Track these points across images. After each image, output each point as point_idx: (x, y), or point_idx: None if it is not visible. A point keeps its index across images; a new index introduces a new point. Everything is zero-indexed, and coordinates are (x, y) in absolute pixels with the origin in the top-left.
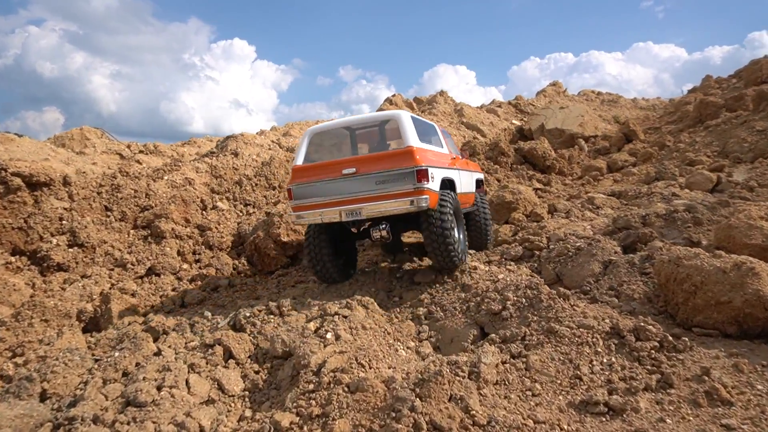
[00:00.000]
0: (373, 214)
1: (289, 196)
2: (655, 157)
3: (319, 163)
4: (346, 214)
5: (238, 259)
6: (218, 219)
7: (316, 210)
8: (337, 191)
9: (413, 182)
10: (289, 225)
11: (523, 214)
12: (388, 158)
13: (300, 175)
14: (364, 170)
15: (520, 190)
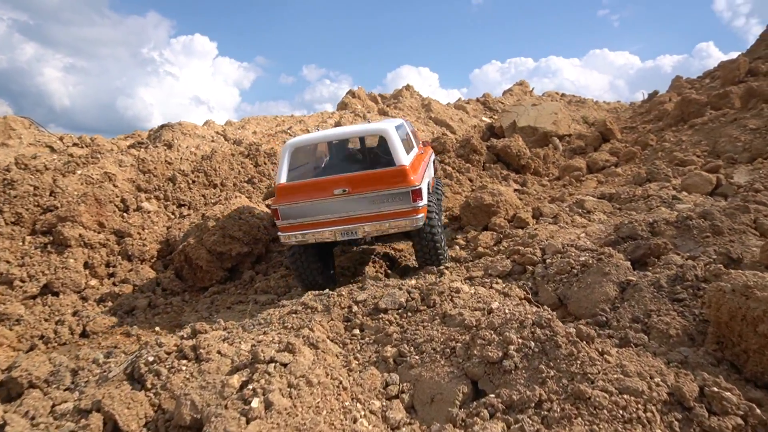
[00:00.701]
0: (370, 234)
1: (275, 216)
2: (639, 157)
3: (307, 181)
4: (341, 234)
5: (164, 273)
6: (142, 223)
7: (307, 231)
8: (330, 211)
9: (409, 202)
10: (226, 231)
11: (504, 219)
12: (381, 178)
13: (286, 195)
14: (356, 190)
15: (500, 191)
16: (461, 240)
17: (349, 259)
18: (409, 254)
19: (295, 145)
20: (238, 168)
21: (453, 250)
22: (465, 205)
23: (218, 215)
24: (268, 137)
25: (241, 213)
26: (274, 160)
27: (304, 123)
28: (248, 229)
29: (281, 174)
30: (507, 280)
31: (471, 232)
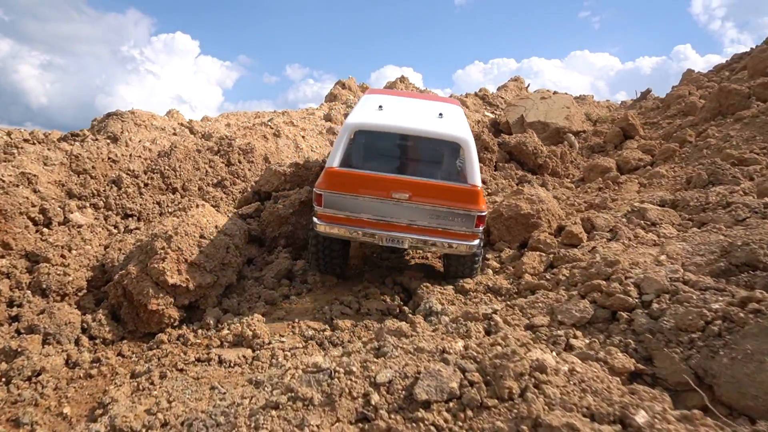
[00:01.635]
0: (417, 247)
1: (317, 202)
2: (679, 155)
3: (364, 174)
4: (387, 239)
5: (95, 314)
6: (68, 241)
7: (350, 227)
8: (381, 212)
9: (472, 227)
10: (182, 254)
11: (549, 233)
12: (450, 193)
13: (336, 182)
14: (418, 199)
15: (540, 196)
16: (494, 261)
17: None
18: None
19: (358, 127)
20: (204, 167)
21: (485, 274)
22: (496, 215)
23: (171, 232)
24: (244, 130)
25: (203, 228)
26: (252, 158)
27: (288, 115)
28: (212, 250)
29: (335, 157)
30: (590, 333)
31: (506, 251)
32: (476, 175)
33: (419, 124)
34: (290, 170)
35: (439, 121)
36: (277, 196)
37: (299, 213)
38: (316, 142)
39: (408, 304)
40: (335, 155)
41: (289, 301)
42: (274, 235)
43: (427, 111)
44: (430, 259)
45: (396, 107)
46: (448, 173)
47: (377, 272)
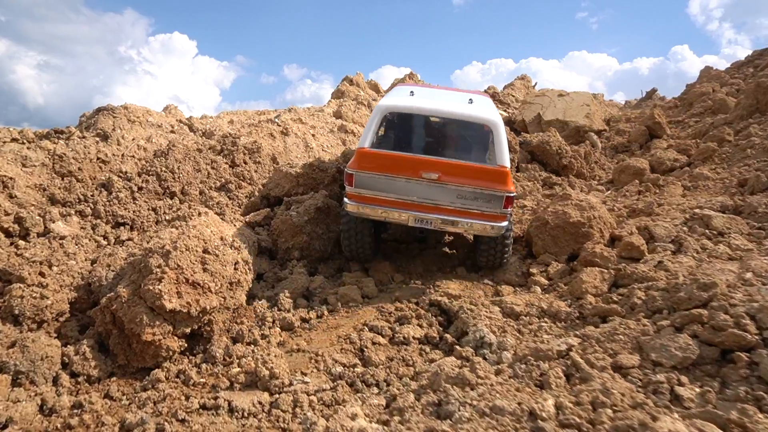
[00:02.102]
0: (446, 229)
1: (348, 182)
2: (718, 155)
3: (395, 154)
4: (416, 220)
5: (78, 345)
6: (48, 256)
7: (380, 207)
8: (411, 193)
9: (500, 207)
10: (182, 273)
11: (602, 245)
12: (478, 173)
13: (368, 163)
14: (448, 179)
15: (591, 202)
16: (540, 276)
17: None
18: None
19: (389, 109)
20: (206, 169)
21: (532, 292)
22: (540, 224)
23: (169, 246)
24: (249, 128)
25: (207, 240)
26: (258, 159)
27: (295, 112)
28: (219, 267)
29: (367, 137)
30: (698, 378)
31: (553, 265)
32: (505, 156)
33: (449, 107)
34: (303, 172)
35: (469, 106)
36: (290, 201)
37: (315, 221)
38: (327, 141)
39: (449, 329)
40: (367, 136)
41: (309, 326)
42: (286, 247)
43: (457, 98)
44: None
45: (427, 94)
46: (476, 155)
47: (408, 290)
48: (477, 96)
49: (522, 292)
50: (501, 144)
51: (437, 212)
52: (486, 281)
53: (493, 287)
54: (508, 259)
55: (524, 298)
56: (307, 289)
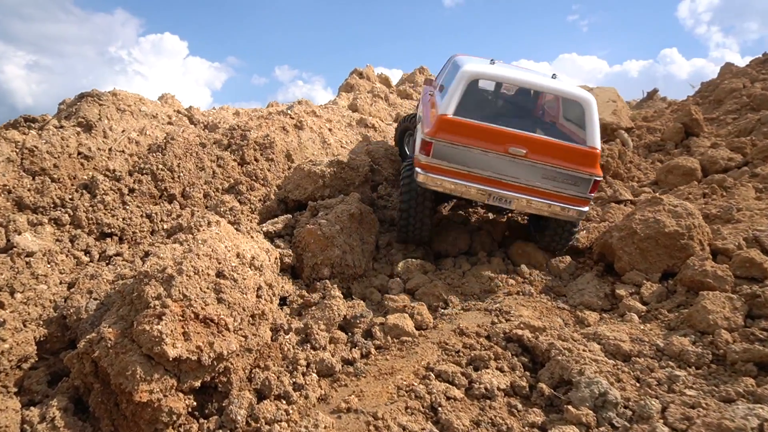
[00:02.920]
0: (526, 210)
1: (425, 150)
2: None
3: (480, 125)
4: (494, 198)
5: (44, 406)
6: (10, 279)
7: (457, 180)
8: (493, 168)
9: (586, 191)
10: (191, 306)
11: (712, 261)
12: (568, 153)
13: (450, 131)
14: (535, 156)
15: (688, 208)
16: (632, 300)
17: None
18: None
19: (476, 75)
20: (211, 167)
21: (627, 321)
22: (625, 234)
23: (173, 269)
24: (258, 120)
25: (221, 259)
26: (272, 155)
27: (308, 104)
28: (238, 297)
29: (451, 104)
30: None
31: (646, 285)
32: (597, 137)
33: (539, 79)
34: (330, 171)
35: (559, 83)
36: (316, 206)
37: (348, 230)
38: (346, 137)
39: (541, 375)
40: (450, 102)
41: (356, 371)
42: (314, 263)
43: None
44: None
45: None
46: (566, 133)
47: (472, 317)
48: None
49: (613, 320)
50: (594, 123)
51: (517, 191)
52: (560, 304)
53: (570, 312)
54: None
55: (623, 330)
56: (344, 317)
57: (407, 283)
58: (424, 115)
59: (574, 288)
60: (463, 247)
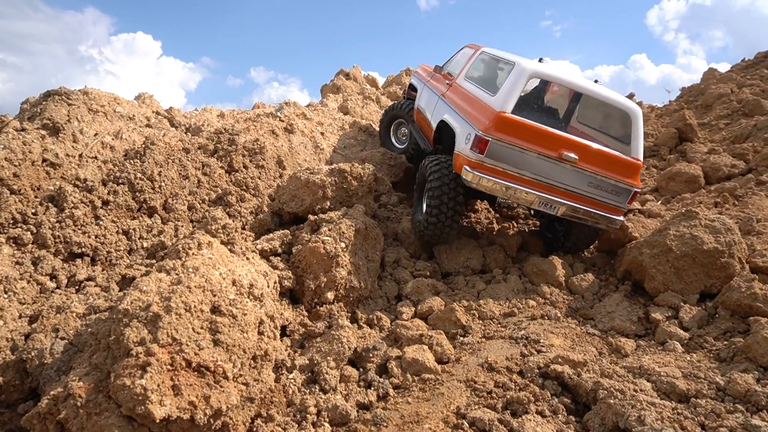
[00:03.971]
0: (569, 215)
1: (479, 148)
2: None
3: (537, 126)
4: (543, 203)
5: None
6: None
7: (507, 182)
8: (544, 172)
9: (625, 201)
10: (184, 352)
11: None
12: (617, 164)
13: (507, 129)
14: (585, 164)
15: (727, 223)
16: (669, 324)
17: None
18: None
19: (535, 74)
20: (196, 175)
21: (669, 350)
22: (659, 251)
23: (158, 306)
24: (246, 123)
25: (216, 290)
26: (262, 162)
27: (296, 106)
28: (238, 337)
29: (509, 100)
30: None
31: (684, 308)
32: (641, 149)
33: (593, 86)
34: (331, 180)
35: (609, 92)
36: (318, 221)
37: (354, 248)
38: (340, 141)
39: (589, 420)
40: (508, 99)
41: (374, 418)
42: (317, 285)
43: (579, 74)
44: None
45: (551, 64)
46: (615, 142)
47: (499, 348)
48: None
49: (653, 348)
50: (639, 135)
51: (566, 198)
52: (590, 330)
53: (602, 338)
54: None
55: (671, 363)
56: (355, 350)
57: (419, 306)
58: (452, 103)
59: (602, 310)
60: (477, 267)
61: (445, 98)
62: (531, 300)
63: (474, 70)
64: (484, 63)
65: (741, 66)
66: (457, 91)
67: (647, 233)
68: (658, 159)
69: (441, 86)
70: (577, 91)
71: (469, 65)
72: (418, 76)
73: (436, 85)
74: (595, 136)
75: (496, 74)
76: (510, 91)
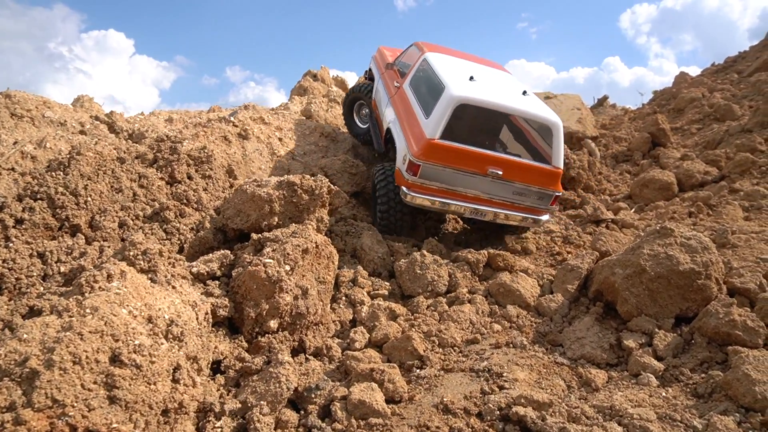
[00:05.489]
0: (497, 221)
1: (412, 171)
2: (756, 168)
3: (463, 148)
4: (471, 212)
5: None
6: None
7: (438, 198)
8: (472, 186)
9: (547, 205)
10: (70, 419)
11: (738, 307)
12: (536, 172)
13: (437, 155)
14: (509, 176)
15: (704, 241)
16: (642, 353)
17: None
18: None
19: (463, 101)
20: (131, 188)
21: (643, 384)
22: (632, 272)
23: (38, 359)
24: (195, 128)
25: (120, 336)
26: (209, 171)
27: (254, 110)
28: (142, 390)
29: (438, 128)
30: None
31: (658, 335)
32: (561, 157)
33: (516, 103)
34: (279, 194)
35: (529, 100)
36: (261, 240)
37: (303, 270)
38: (300, 147)
39: None
40: (438, 126)
41: None
42: (257, 313)
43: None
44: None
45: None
46: (536, 153)
47: (457, 384)
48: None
49: (625, 381)
50: (560, 145)
51: (492, 205)
52: (558, 358)
53: (571, 368)
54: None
55: (644, 400)
56: (296, 389)
57: (373, 333)
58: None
59: (572, 336)
60: (441, 289)
61: (393, 102)
62: (496, 324)
63: (416, 80)
64: (424, 74)
65: (711, 70)
66: (402, 99)
67: (620, 248)
68: (631, 164)
69: (391, 86)
70: (503, 112)
71: (413, 71)
72: (375, 63)
73: (388, 82)
74: (521, 149)
75: (431, 92)
76: (440, 118)
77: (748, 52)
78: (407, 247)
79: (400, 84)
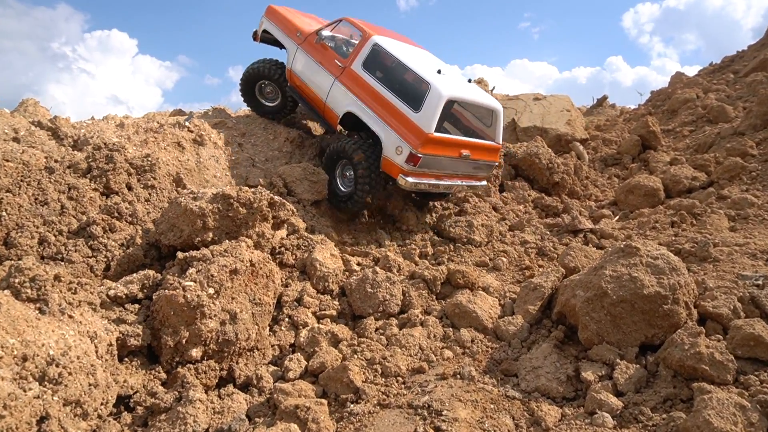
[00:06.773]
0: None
1: (413, 162)
2: (745, 173)
3: (449, 138)
4: (445, 187)
5: None
6: None
7: (427, 180)
8: (449, 167)
9: (490, 171)
10: None
11: (706, 337)
12: (488, 150)
13: (434, 146)
14: (474, 156)
15: (672, 261)
16: (601, 387)
17: None
18: None
19: (451, 98)
20: (59, 200)
21: (599, 425)
22: (593, 295)
23: None
24: (145, 134)
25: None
26: (152, 181)
27: (223, 112)
28: None
29: (433, 123)
30: None
31: (620, 366)
32: (500, 135)
33: (478, 95)
34: (213, 208)
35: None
36: (187, 259)
37: (232, 293)
38: (262, 153)
39: None
40: (432, 121)
41: None
42: (176, 342)
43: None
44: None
45: (447, 70)
46: (488, 134)
47: (388, 420)
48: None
49: (578, 421)
50: (500, 125)
51: (458, 179)
52: (510, 391)
53: (523, 403)
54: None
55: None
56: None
57: (311, 360)
58: (360, 97)
59: (528, 365)
60: (394, 310)
61: (345, 85)
62: (448, 350)
63: (378, 69)
64: (392, 66)
65: (708, 70)
66: (361, 85)
67: (590, 264)
68: (620, 168)
69: (328, 64)
70: (474, 103)
71: (363, 54)
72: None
73: (319, 57)
74: (478, 132)
75: (411, 87)
76: (432, 114)
77: (746, 52)
78: (365, 246)
79: (346, 65)
